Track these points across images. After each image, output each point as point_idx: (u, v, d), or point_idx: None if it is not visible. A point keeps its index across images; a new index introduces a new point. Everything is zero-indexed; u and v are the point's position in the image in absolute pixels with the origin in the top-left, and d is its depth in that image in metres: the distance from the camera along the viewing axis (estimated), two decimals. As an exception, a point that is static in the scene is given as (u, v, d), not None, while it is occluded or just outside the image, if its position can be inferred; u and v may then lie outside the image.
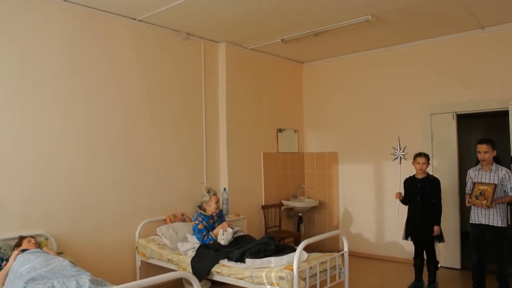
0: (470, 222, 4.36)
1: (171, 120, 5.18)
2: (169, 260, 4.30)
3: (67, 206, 4.18)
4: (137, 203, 4.78)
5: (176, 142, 5.23)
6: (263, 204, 6.23)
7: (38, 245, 3.66)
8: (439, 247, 5.34)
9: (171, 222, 4.88)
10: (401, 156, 4.94)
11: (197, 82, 5.53)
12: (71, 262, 3.24)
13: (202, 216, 4.49)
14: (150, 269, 4.61)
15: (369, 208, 6.33)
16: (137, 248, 4.68)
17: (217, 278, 3.89)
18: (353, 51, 6.39)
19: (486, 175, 4.24)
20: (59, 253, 3.70)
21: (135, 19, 4.77)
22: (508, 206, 4.29)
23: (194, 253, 4.16)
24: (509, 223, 4.29)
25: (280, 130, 6.62)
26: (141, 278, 4.58)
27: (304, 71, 7.17)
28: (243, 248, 3.95)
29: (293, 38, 5.49)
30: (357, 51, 6.38)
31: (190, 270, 3.96)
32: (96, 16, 4.45)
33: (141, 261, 4.66)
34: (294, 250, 3.54)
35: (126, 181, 4.69)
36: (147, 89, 4.93)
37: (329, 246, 6.23)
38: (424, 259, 4.75)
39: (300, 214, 6.72)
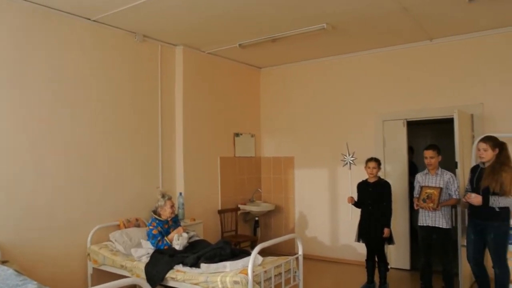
0: (418, 224, 4.55)
1: (125, 123, 5.07)
2: (122, 267, 4.20)
3: (12, 211, 3.98)
4: (89, 208, 4.64)
5: (131, 145, 5.13)
6: (220, 208, 6.22)
7: (-19, 254, 3.48)
8: (390, 249, 5.53)
9: (125, 228, 4.77)
10: (350, 161, 5.08)
11: (153, 85, 5.45)
12: (16, 271, 3.10)
13: (157, 221, 4.42)
14: (102, 276, 4.46)
15: (324, 212, 6.46)
16: (89, 255, 4.53)
17: (171, 284, 3.83)
18: (309, 57, 6.52)
19: (432, 179, 4.45)
20: (3, 262, 3.53)
21: (89, 19, 4.65)
22: (453, 209, 4.52)
23: (148, 259, 4.08)
24: (453, 225, 4.51)
25: (237, 135, 6.64)
26: (92, 285, 4.43)
27: (262, 76, 7.23)
28: (198, 253, 3.92)
29: (251, 43, 5.53)
30: (313, 58, 6.51)
31: (144, 276, 3.88)
32: (47, 15, 4.29)
33: (93, 268, 4.53)
34: (250, 254, 3.56)
35: (77, 185, 4.54)
36: (100, 91, 4.80)
37: (285, 250, 6.29)
38: (375, 261, 4.90)
39: (256, 218, 6.76)
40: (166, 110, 5.60)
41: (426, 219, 4.46)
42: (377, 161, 4.81)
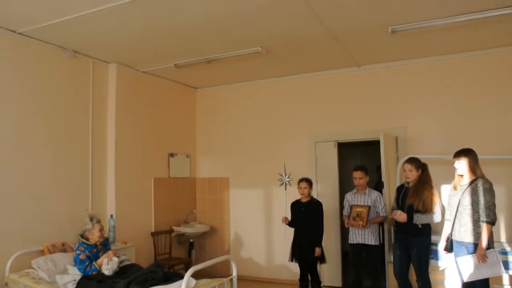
0: (349, 242, 4.71)
1: (53, 142, 4.81)
2: (45, 295, 3.93)
3: None
4: (8, 232, 4.27)
5: (58, 165, 4.86)
6: (153, 230, 6.04)
7: None
8: (323, 268, 5.66)
9: (50, 253, 4.46)
10: (287, 182, 5.18)
11: (84, 103, 5.25)
12: None
13: (85, 246, 4.20)
14: (22, 307, 4.14)
15: (259, 232, 6.49)
16: (6, 284, 4.17)
17: (99, 311, 3.65)
18: (245, 79, 6.63)
19: (361, 198, 4.66)
20: None
21: (14, 32, 4.41)
22: (380, 226, 4.74)
23: (75, 285, 3.86)
24: (381, 241, 4.73)
25: (171, 155, 6.54)
26: (10, 318, 4.10)
27: (198, 97, 7.23)
28: (129, 278, 3.77)
29: (186, 63, 5.52)
30: (249, 80, 6.63)
31: (69, 305, 3.66)
32: (-34, 26, 4.03)
33: (12, 298, 4.18)
34: (183, 278, 3.48)
35: (-4, 208, 4.20)
36: (25, 107, 4.53)
37: (221, 272, 6.21)
38: (309, 280, 4.97)
39: (191, 240, 6.64)
40: (97, 129, 5.40)
41: (356, 236, 4.64)
42: (308, 181, 4.92)
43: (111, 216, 5.37)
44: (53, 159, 4.82)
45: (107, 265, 4.06)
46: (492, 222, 3.64)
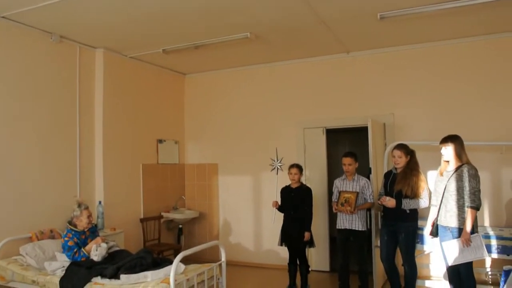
0: (337, 227, 4.77)
1: (40, 129, 4.75)
2: (33, 282, 3.92)
3: None
4: (-5, 219, 4.27)
5: (46, 152, 4.81)
6: (142, 217, 6.04)
7: None
8: (311, 252, 5.73)
9: (38, 240, 4.45)
10: (278, 167, 5.21)
11: (71, 88, 5.17)
12: None
13: (73, 232, 4.20)
14: (10, 294, 4.14)
15: (248, 218, 6.53)
16: (-6, 270, 4.17)
17: (89, 297, 3.65)
18: (234, 65, 6.59)
19: (349, 184, 4.70)
20: None
21: (-3, 16, 4.33)
22: (367, 212, 4.80)
23: (64, 272, 3.85)
24: (368, 227, 4.79)
25: (160, 141, 6.52)
26: (-1, 304, 4.09)
27: (186, 83, 7.18)
28: (118, 264, 3.78)
29: (174, 49, 5.47)
30: (238, 65, 6.59)
31: (59, 291, 3.66)
32: None
33: (0, 286, 4.17)
34: (172, 263, 3.50)
35: (-17, 195, 4.16)
36: (10, 93, 4.46)
37: (210, 257, 6.23)
38: (297, 264, 5.04)
39: (180, 226, 6.66)
40: (84, 115, 5.34)
41: (344, 222, 4.69)
42: (298, 167, 4.96)
43: (100, 202, 5.35)
44: (40, 146, 4.77)
45: (96, 251, 4.07)
46: (476, 207, 3.71)
